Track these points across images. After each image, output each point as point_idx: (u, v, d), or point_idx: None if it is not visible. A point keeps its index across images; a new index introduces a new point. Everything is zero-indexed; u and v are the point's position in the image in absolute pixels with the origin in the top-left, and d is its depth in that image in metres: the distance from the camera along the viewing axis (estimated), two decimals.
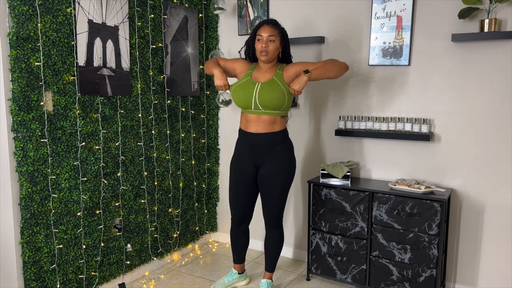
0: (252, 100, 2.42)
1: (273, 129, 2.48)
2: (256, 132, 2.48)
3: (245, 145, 2.55)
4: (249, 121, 2.50)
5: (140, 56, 2.81)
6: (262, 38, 2.42)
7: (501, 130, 2.49)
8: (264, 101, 2.40)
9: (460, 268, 2.70)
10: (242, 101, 2.47)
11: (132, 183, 2.83)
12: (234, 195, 2.65)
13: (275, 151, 2.50)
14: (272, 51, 2.43)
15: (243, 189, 2.60)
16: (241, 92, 2.46)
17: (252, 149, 2.52)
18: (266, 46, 2.40)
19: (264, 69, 2.51)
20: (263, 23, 2.46)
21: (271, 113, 2.44)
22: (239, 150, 2.60)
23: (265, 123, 2.46)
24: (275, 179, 2.52)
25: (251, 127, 2.49)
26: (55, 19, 2.26)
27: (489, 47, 2.46)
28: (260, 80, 2.46)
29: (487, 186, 2.56)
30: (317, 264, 2.85)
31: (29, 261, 2.23)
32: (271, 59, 2.47)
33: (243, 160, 2.56)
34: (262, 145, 2.49)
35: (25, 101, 2.15)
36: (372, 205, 2.61)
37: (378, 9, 2.73)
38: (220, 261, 3.26)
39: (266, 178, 2.53)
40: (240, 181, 2.59)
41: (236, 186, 2.62)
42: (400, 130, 2.71)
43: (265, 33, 2.41)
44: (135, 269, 2.92)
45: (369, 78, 2.84)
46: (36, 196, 2.24)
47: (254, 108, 2.45)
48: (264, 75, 2.49)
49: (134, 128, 2.81)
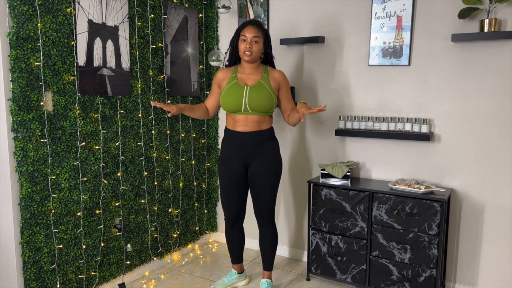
0: (242, 104, 2.44)
1: (262, 127, 2.51)
2: (244, 131, 2.49)
3: (233, 144, 2.55)
4: (237, 121, 2.51)
5: (140, 56, 2.81)
6: (246, 39, 2.44)
7: (501, 130, 2.49)
8: (254, 105, 2.43)
9: (460, 268, 2.70)
10: (231, 106, 2.47)
11: (132, 183, 2.83)
12: (225, 196, 2.64)
13: (263, 149, 2.52)
14: (256, 52, 2.46)
15: (233, 188, 2.60)
16: (230, 96, 2.46)
17: (240, 148, 2.52)
18: (250, 46, 2.43)
19: (248, 69, 2.53)
20: (247, 24, 2.48)
21: (259, 113, 2.48)
22: (227, 150, 2.59)
23: (253, 123, 2.48)
24: (265, 176, 2.54)
25: (239, 127, 2.50)
26: (55, 19, 2.26)
27: (489, 47, 2.46)
28: (247, 83, 2.49)
29: (487, 186, 2.56)
30: (317, 264, 2.86)
31: (29, 261, 2.23)
32: (255, 60, 2.49)
33: (232, 159, 2.56)
34: (250, 144, 2.50)
35: (25, 101, 2.15)
36: (372, 205, 2.61)
37: (378, 9, 2.73)
38: (220, 261, 3.26)
39: (257, 176, 2.55)
40: (230, 180, 2.59)
41: (226, 186, 2.61)
42: (400, 130, 2.71)
43: (249, 33, 2.44)
44: (135, 269, 2.92)
45: (369, 78, 2.84)
46: (36, 196, 2.24)
47: (244, 111, 2.46)
48: (250, 77, 2.51)
49: (134, 128, 2.81)
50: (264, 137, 2.52)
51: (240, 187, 2.61)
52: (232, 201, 2.64)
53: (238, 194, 2.63)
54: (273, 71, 2.55)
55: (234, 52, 2.56)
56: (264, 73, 2.52)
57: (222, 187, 2.64)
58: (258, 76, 2.51)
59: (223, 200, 2.68)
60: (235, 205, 2.65)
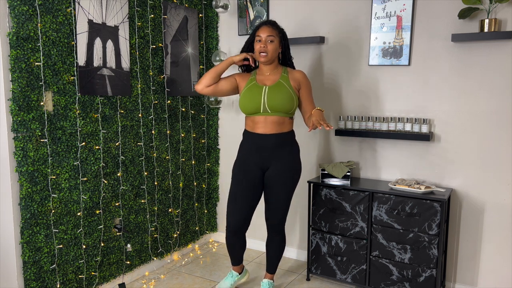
0: (261, 104, 2.36)
1: (282, 130, 2.41)
2: (264, 133, 2.40)
3: (251, 146, 2.45)
4: (256, 122, 2.42)
5: (140, 56, 2.81)
6: (261, 39, 2.38)
7: (501, 130, 2.49)
8: (273, 105, 2.35)
9: (460, 268, 2.70)
10: (250, 107, 2.39)
11: (132, 183, 2.83)
12: (235, 201, 2.50)
13: (283, 153, 2.43)
14: (272, 51, 2.39)
15: (246, 193, 2.47)
16: (249, 97, 2.40)
17: (259, 151, 2.42)
18: (265, 46, 2.37)
19: (267, 71, 2.46)
20: (262, 24, 2.43)
21: (279, 114, 2.39)
22: (244, 153, 2.49)
23: (273, 124, 2.39)
24: (282, 182, 2.44)
25: (259, 128, 2.41)
26: (55, 19, 2.26)
27: (489, 47, 2.46)
28: (266, 83, 2.42)
29: (487, 186, 2.56)
30: (317, 264, 2.85)
31: (29, 261, 2.23)
32: (271, 60, 2.42)
33: (249, 162, 2.46)
34: (270, 146, 2.40)
35: (25, 101, 2.15)
36: (372, 205, 2.61)
37: (378, 9, 2.73)
38: (220, 261, 3.26)
39: (274, 180, 2.44)
40: (245, 185, 2.46)
41: (240, 191, 2.48)
42: (400, 130, 2.71)
43: (264, 33, 2.39)
44: (135, 269, 2.92)
45: (369, 78, 2.84)
46: (36, 196, 2.24)
47: (263, 112, 2.38)
48: (269, 78, 2.44)
49: (134, 128, 2.81)
50: (285, 140, 2.43)
51: (253, 193, 2.48)
52: (241, 207, 2.49)
53: (249, 201, 2.49)
54: (293, 71, 2.48)
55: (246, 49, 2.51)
56: (284, 73, 2.45)
57: (234, 192, 2.50)
58: (277, 77, 2.43)
59: (231, 205, 2.52)
60: (243, 212, 2.50)
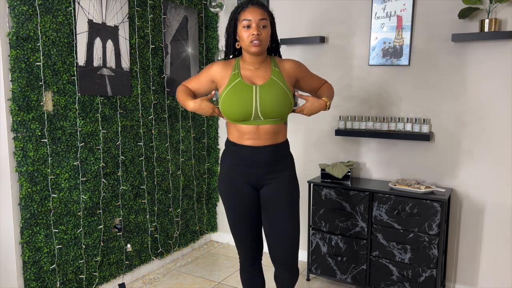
0: (252, 110, 1.83)
1: (277, 140, 1.92)
2: (255, 145, 1.88)
3: (239, 162, 1.92)
4: (245, 133, 1.89)
5: (140, 56, 2.81)
6: (251, 23, 1.80)
7: (501, 130, 2.49)
8: (268, 111, 1.83)
9: (460, 268, 2.70)
10: (238, 114, 1.84)
11: (132, 183, 2.83)
12: (238, 231, 2.02)
13: (278, 167, 1.93)
14: (266, 39, 1.84)
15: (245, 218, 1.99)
16: (236, 100, 1.84)
17: (249, 167, 1.91)
18: (258, 33, 1.80)
19: (254, 64, 1.90)
20: (247, 3, 1.84)
21: (274, 121, 1.88)
22: (231, 171, 1.95)
23: (267, 134, 1.88)
24: (285, 203, 1.94)
25: (248, 140, 1.89)
26: (55, 19, 2.26)
27: (489, 47, 2.46)
28: (255, 82, 1.87)
29: (487, 186, 2.56)
30: (317, 264, 2.85)
31: (29, 261, 2.23)
32: (264, 50, 1.88)
33: (237, 183, 1.95)
34: (263, 162, 1.90)
35: (25, 101, 2.15)
36: (372, 205, 2.61)
37: (378, 9, 2.73)
38: (220, 261, 3.26)
39: (274, 204, 1.94)
40: (239, 210, 1.98)
41: (236, 218, 2.00)
42: (400, 130, 2.71)
43: (253, 15, 1.80)
44: (135, 269, 2.92)
45: (369, 78, 2.84)
46: (36, 196, 2.24)
47: (254, 119, 1.85)
48: (258, 74, 1.89)
49: (134, 128, 2.81)
50: (281, 152, 1.94)
51: (252, 216, 1.99)
52: (248, 235, 2.02)
53: (253, 225, 2.01)
54: (282, 62, 1.95)
55: (231, 42, 1.94)
56: (274, 66, 1.91)
57: (231, 219, 2.02)
58: (267, 72, 1.89)
59: (236, 236, 2.05)
60: (253, 239, 2.03)
